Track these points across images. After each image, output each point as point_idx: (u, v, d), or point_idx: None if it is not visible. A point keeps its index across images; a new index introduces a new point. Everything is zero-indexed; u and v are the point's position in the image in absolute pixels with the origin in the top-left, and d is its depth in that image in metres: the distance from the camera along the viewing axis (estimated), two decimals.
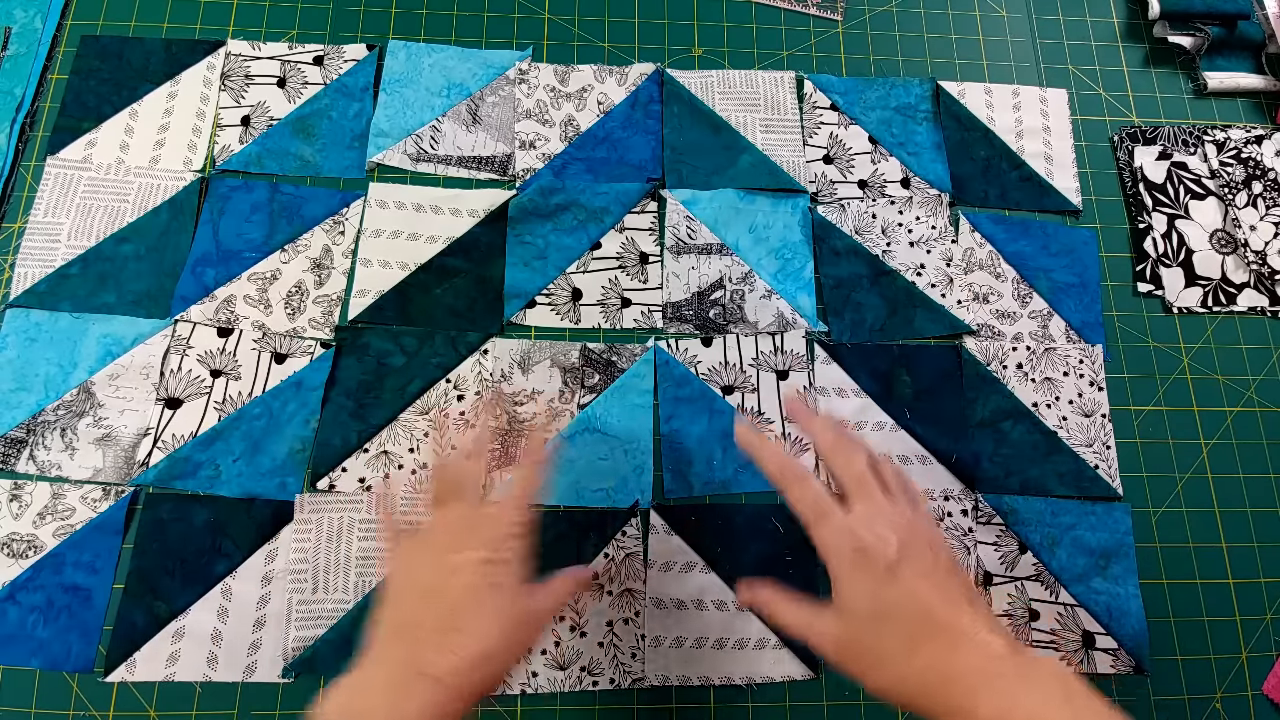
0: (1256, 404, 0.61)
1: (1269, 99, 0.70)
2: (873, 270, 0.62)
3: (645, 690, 0.52)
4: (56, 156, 0.61)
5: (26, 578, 0.52)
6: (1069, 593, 0.55)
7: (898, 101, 0.67)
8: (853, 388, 0.59)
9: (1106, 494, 0.58)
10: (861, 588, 0.37)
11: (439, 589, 0.39)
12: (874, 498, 0.39)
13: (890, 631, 0.37)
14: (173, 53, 0.65)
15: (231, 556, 0.53)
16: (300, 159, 0.63)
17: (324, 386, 0.56)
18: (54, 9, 0.65)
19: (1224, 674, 0.55)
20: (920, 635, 0.36)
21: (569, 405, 0.58)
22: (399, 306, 0.59)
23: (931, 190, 0.65)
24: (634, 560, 0.54)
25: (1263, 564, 0.58)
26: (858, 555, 0.38)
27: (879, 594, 0.37)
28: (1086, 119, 0.68)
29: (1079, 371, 0.60)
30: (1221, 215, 0.66)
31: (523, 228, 0.61)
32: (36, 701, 0.50)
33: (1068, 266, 0.63)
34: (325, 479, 0.55)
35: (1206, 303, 0.63)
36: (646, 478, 0.56)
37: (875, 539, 0.38)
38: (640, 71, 0.67)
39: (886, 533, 0.38)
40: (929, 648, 0.36)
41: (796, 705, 0.53)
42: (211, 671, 0.51)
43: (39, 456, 0.54)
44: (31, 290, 0.58)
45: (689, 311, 0.61)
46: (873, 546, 0.37)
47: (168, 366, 0.56)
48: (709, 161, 0.64)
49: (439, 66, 0.65)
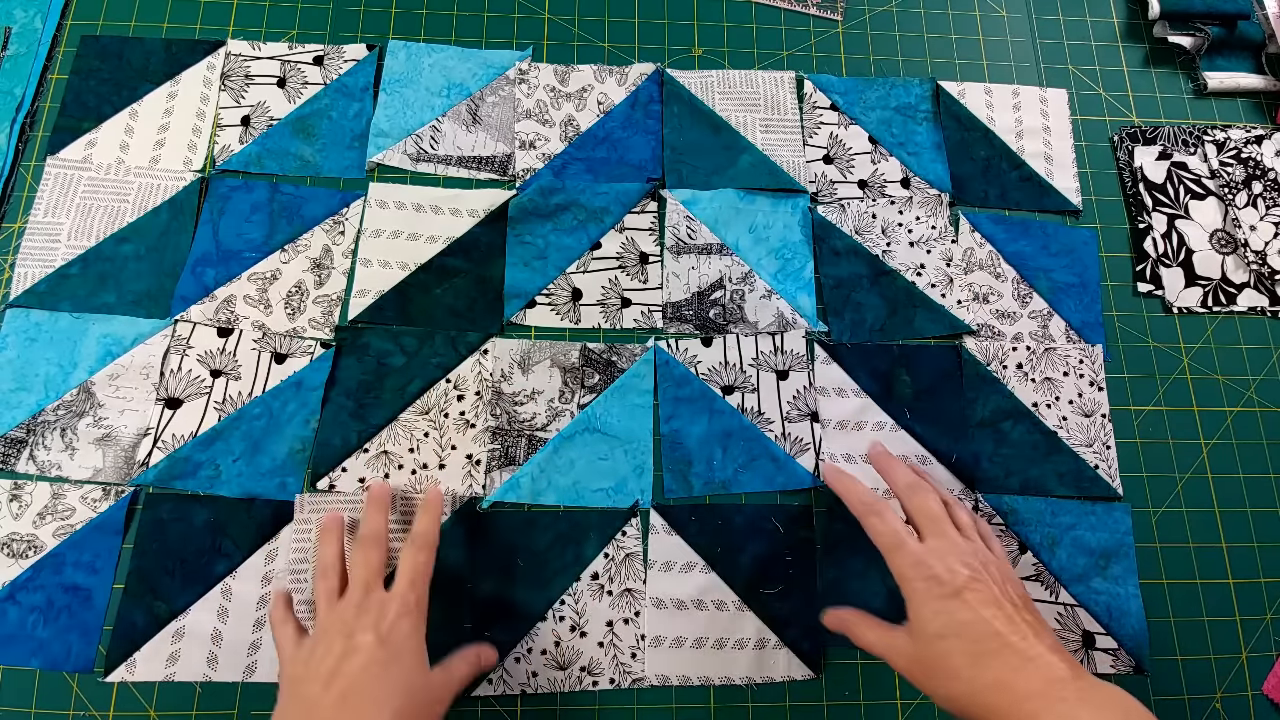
0: (1256, 404, 0.61)
1: (1269, 99, 0.70)
2: (873, 270, 0.62)
3: (645, 690, 0.52)
4: (56, 156, 0.61)
5: (26, 578, 0.52)
6: (1069, 593, 0.55)
7: (898, 101, 0.67)
8: (853, 388, 0.59)
9: (1106, 494, 0.58)
10: (930, 610, 0.41)
11: (336, 673, 0.41)
12: (946, 534, 0.44)
13: (957, 649, 0.40)
14: (173, 53, 0.65)
15: (231, 556, 0.53)
16: (300, 159, 0.63)
17: (324, 386, 0.56)
18: (54, 9, 0.65)
19: (1224, 674, 0.55)
20: (985, 653, 0.39)
21: (569, 405, 0.58)
22: (399, 306, 0.59)
23: (931, 190, 0.65)
24: (634, 560, 0.54)
25: (1263, 564, 0.58)
26: (929, 582, 0.42)
27: (947, 616, 0.41)
28: (1086, 119, 0.68)
29: (1079, 371, 0.60)
30: (1221, 215, 0.66)
31: (523, 228, 0.61)
32: (36, 701, 0.50)
33: (1068, 266, 0.63)
34: (325, 479, 0.55)
35: (1206, 303, 0.63)
36: (646, 478, 0.56)
37: (944, 569, 0.42)
38: (640, 71, 0.67)
39: (956, 564, 0.42)
40: (994, 665, 0.39)
41: (796, 705, 0.53)
42: (211, 671, 0.51)
43: (39, 456, 0.54)
44: (31, 290, 0.58)
45: (689, 311, 0.61)
46: (941, 575, 0.42)
47: (168, 366, 0.56)
48: (709, 161, 0.64)
49: (439, 66, 0.66)
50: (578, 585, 0.54)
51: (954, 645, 0.40)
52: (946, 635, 0.41)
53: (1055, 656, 0.39)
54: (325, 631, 0.44)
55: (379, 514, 0.50)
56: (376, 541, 0.48)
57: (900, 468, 0.50)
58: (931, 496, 0.47)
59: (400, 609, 0.44)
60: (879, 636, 0.45)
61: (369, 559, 0.47)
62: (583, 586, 0.54)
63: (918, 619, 0.42)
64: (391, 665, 0.42)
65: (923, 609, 0.42)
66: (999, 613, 0.41)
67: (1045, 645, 0.40)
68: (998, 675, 0.39)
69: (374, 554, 0.47)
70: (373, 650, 0.42)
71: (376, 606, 0.44)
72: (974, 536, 0.46)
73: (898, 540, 0.44)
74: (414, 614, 0.44)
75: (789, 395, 0.59)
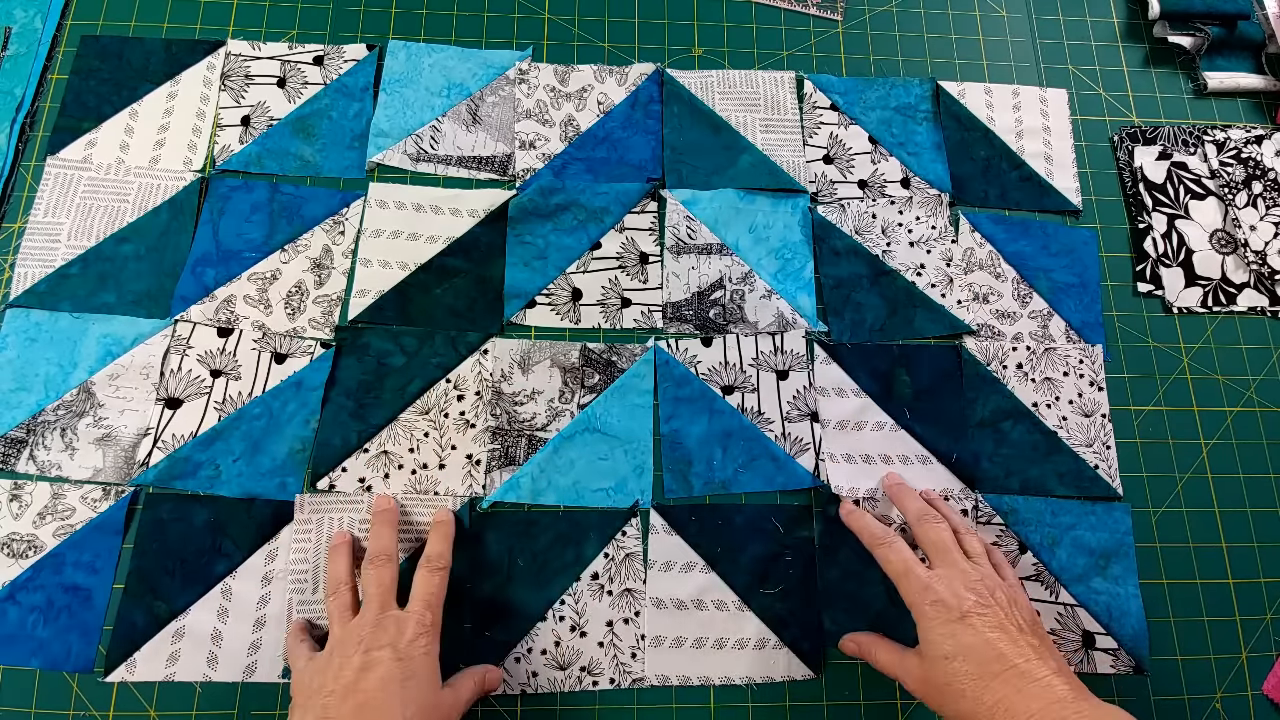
0: (1256, 404, 0.61)
1: (1269, 99, 0.70)
2: (873, 270, 0.62)
3: (645, 690, 0.52)
4: (56, 156, 0.61)
5: (26, 578, 0.52)
6: (1069, 593, 0.55)
7: (898, 101, 0.67)
8: (852, 388, 0.59)
9: (1106, 494, 0.58)
10: (938, 634, 0.43)
11: (354, 686, 0.42)
12: (955, 562, 0.46)
13: (964, 671, 0.42)
14: (173, 53, 0.65)
15: (231, 556, 0.53)
16: (300, 159, 0.63)
17: (324, 386, 0.56)
18: (54, 9, 0.65)
19: (1224, 674, 0.55)
20: (989, 674, 0.41)
21: (569, 405, 0.58)
22: (399, 306, 0.59)
23: (931, 190, 0.65)
24: (634, 560, 0.54)
25: (1263, 564, 0.58)
26: (936, 607, 0.44)
27: (954, 640, 0.43)
28: (1086, 119, 0.68)
29: (1079, 371, 0.60)
30: (1221, 215, 0.66)
31: (523, 228, 0.61)
32: (36, 701, 0.50)
33: (1068, 266, 0.63)
34: (325, 479, 0.55)
35: (1206, 303, 0.63)
36: (646, 478, 0.56)
37: (951, 594, 0.44)
38: (640, 71, 0.67)
39: (962, 590, 0.44)
40: (997, 686, 0.41)
41: (796, 705, 0.53)
42: (211, 671, 0.51)
43: (39, 456, 0.54)
44: (31, 290, 0.58)
45: (689, 311, 0.61)
46: (948, 600, 0.44)
47: (168, 366, 0.56)
48: (709, 161, 0.64)
49: (439, 66, 0.65)
50: (578, 585, 0.54)
51: (960, 667, 0.42)
52: (953, 657, 0.42)
53: (1059, 679, 0.41)
54: (342, 645, 0.45)
55: (387, 531, 0.51)
56: (387, 559, 0.49)
57: (912, 497, 0.52)
58: (942, 526, 0.49)
59: (417, 628, 0.45)
60: (892, 659, 0.47)
61: (380, 577, 0.48)
62: (583, 586, 0.54)
63: (926, 642, 0.44)
64: (408, 682, 0.43)
65: (930, 633, 0.44)
66: (1004, 636, 0.43)
67: (1050, 668, 0.41)
68: (1001, 696, 0.40)
69: (385, 572, 0.48)
70: (390, 666, 0.43)
71: (394, 624, 0.45)
72: (984, 563, 0.48)
73: (906, 568, 0.46)
74: (430, 634, 0.45)
75: (789, 395, 0.59)
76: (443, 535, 0.51)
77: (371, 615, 0.46)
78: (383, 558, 0.49)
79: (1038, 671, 0.41)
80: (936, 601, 0.44)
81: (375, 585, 0.47)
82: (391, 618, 0.46)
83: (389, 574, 0.48)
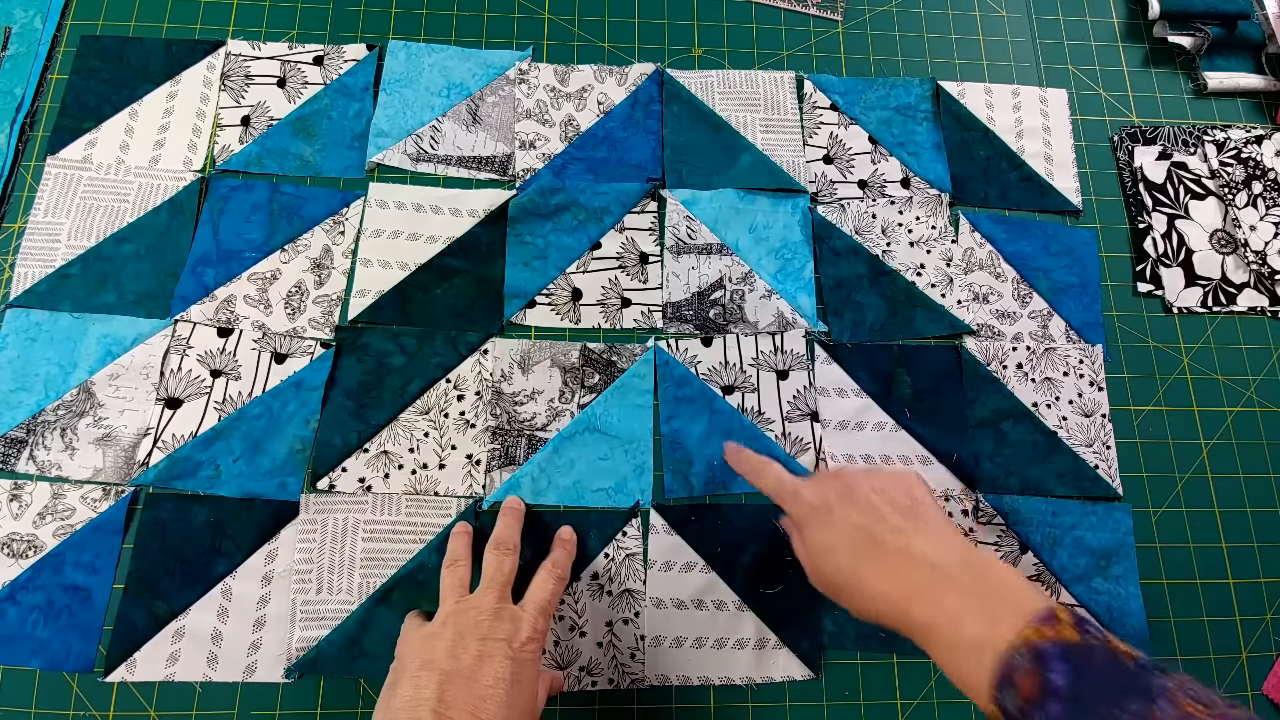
0: (1256, 404, 0.61)
1: (1269, 99, 0.70)
2: (873, 270, 0.62)
3: (645, 690, 0.52)
4: (56, 156, 0.61)
5: (26, 578, 0.52)
6: (1070, 593, 0.55)
7: (898, 101, 0.67)
8: (853, 388, 0.59)
9: (1107, 494, 0.58)
10: (811, 532, 0.45)
11: (472, 676, 0.42)
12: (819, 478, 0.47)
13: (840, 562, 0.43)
14: (173, 53, 0.65)
15: (231, 556, 0.53)
16: (300, 159, 0.63)
17: (324, 386, 0.56)
18: (54, 9, 0.65)
19: (1224, 674, 0.55)
20: (861, 558, 0.42)
21: (569, 405, 0.58)
22: (399, 306, 0.59)
23: (931, 190, 0.65)
24: (634, 560, 0.54)
25: (1263, 564, 0.58)
26: (808, 510, 0.45)
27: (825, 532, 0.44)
28: (1086, 119, 0.68)
29: (1079, 371, 0.60)
30: (1221, 215, 0.66)
31: (523, 228, 0.61)
32: (36, 701, 0.50)
33: (1068, 266, 0.63)
34: (325, 479, 0.55)
35: (1206, 303, 0.63)
36: (646, 478, 0.56)
37: (815, 495, 0.45)
38: (640, 71, 0.67)
39: (827, 490, 0.45)
40: (873, 568, 0.41)
41: (796, 705, 0.53)
42: (211, 671, 0.51)
43: (39, 456, 0.54)
44: (31, 290, 0.57)
45: (689, 311, 0.61)
46: (813, 500, 0.45)
47: (168, 366, 0.56)
48: (709, 161, 0.64)
49: (439, 66, 0.65)
50: (578, 585, 0.54)
51: (836, 558, 0.43)
52: (826, 550, 0.44)
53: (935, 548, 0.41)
54: (456, 621, 0.45)
55: (515, 522, 0.52)
56: (511, 547, 0.49)
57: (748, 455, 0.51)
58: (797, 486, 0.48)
59: (531, 632, 0.45)
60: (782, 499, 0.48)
61: (503, 563, 0.48)
62: (583, 586, 0.54)
63: (807, 542, 0.45)
64: (514, 687, 0.42)
65: (806, 532, 0.45)
66: (868, 518, 0.43)
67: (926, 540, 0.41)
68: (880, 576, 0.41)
69: (508, 560, 0.48)
70: (504, 664, 0.42)
71: (510, 619, 0.45)
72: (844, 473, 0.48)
73: (779, 487, 0.47)
74: (539, 641, 0.45)
75: (789, 395, 0.59)
76: (566, 549, 0.52)
77: (490, 602, 0.45)
78: (509, 545, 0.49)
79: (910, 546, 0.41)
80: (805, 503, 0.45)
81: (497, 570, 0.47)
82: (509, 611, 0.45)
83: (510, 563, 0.48)
